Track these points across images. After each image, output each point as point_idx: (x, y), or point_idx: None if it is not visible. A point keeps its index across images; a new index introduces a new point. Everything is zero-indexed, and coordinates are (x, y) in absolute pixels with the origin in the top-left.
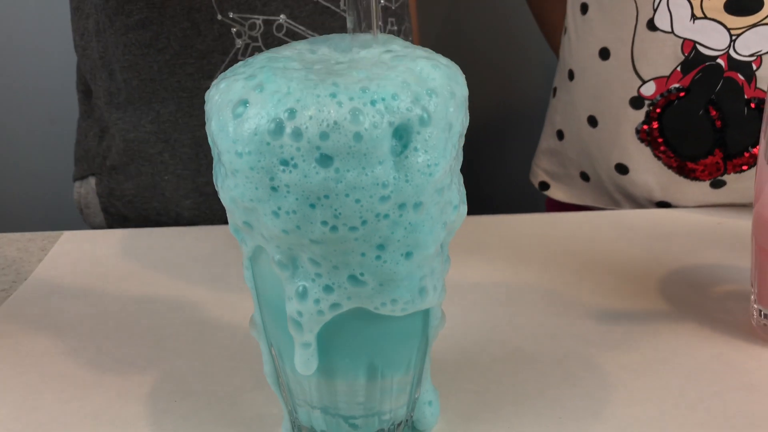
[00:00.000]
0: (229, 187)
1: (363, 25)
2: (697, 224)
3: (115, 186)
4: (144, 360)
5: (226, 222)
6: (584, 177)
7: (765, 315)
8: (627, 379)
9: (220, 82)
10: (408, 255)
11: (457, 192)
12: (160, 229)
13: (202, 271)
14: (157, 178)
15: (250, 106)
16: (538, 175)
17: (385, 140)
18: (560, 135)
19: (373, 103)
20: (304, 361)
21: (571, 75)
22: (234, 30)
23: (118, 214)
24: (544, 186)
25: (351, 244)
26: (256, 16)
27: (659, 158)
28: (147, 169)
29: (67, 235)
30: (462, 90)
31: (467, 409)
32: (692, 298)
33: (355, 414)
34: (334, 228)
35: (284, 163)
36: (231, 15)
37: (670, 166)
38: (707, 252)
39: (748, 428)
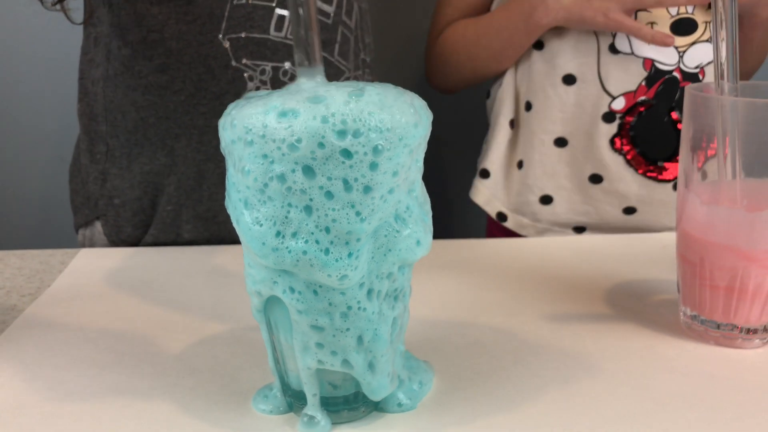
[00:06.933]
0: (253, 274)
1: (309, 60)
2: (644, 248)
3: (123, 223)
4: (155, 347)
5: (223, 242)
6: (545, 201)
7: (687, 314)
8: (569, 363)
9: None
10: (371, 366)
11: (406, 280)
12: (168, 247)
13: (205, 280)
14: (159, 209)
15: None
16: (497, 207)
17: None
18: (520, 165)
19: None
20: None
21: (528, 106)
22: (246, 74)
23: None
24: (502, 217)
25: (344, 335)
26: (265, 63)
27: (630, 165)
28: (156, 200)
29: (84, 251)
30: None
31: (433, 386)
32: (631, 305)
33: (336, 376)
34: (330, 317)
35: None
36: (244, 61)
37: (640, 172)
38: (650, 270)
39: (666, 400)
